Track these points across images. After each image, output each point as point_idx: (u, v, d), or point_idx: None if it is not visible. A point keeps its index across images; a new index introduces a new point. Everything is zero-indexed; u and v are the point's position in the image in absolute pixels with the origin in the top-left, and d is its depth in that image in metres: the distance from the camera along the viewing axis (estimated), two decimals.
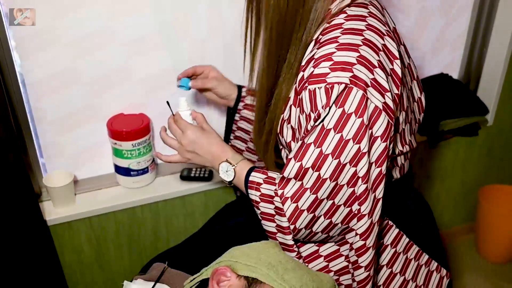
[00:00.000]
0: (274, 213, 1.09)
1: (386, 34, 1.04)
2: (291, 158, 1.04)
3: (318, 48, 1.02)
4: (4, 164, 1.50)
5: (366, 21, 1.03)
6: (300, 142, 1.04)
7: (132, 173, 1.73)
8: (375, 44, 1.01)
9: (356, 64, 0.98)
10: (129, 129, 1.65)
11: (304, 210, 1.05)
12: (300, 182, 1.04)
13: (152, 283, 1.14)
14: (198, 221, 1.89)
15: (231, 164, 1.18)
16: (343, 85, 0.97)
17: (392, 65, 1.04)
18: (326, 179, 1.01)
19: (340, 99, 0.97)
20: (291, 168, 1.04)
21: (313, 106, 1.00)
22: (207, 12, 1.65)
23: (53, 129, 1.66)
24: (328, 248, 1.15)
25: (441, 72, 2.18)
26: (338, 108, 0.98)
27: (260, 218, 1.13)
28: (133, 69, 1.65)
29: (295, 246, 1.11)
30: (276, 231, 1.11)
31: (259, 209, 1.12)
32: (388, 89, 1.00)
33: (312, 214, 1.05)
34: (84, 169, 1.77)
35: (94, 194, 1.77)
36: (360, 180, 1.01)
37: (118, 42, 1.60)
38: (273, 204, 1.08)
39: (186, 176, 1.82)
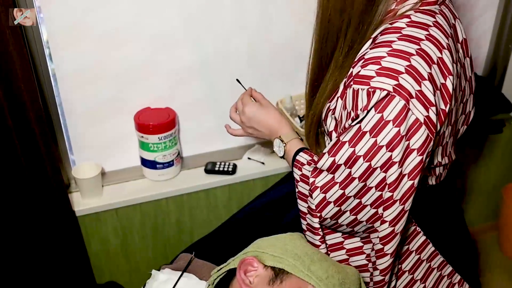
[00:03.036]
0: (308, 194, 1.12)
1: (446, 47, 1.01)
2: (325, 153, 1.05)
3: (371, 48, 1.01)
4: (36, 156, 1.54)
5: (428, 31, 1.00)
6: (335, 139, 1.05)
7: (158, 166, 1.76)
8: (430, 56, 0.98)
9: (403, 73, 0.96)
10: (155, 122, 1.68)
11: (331, 202, 1.06)
12: (332, 175, 1.05)
13: (179, 273, 1.17)
14: (222, 214, 1.92)
15: (282, 141, 1.23)
16: (385, 92, 0.95)
17: (445, 80, 1.00)
18: (356, 178, 1.02)
19: (380, 105, 0.96)
20: (325, 161, 1.05)
21: (354, 105, 1.00)
22: (231, 7, 1.67)
23: (82, 121, 1.69)
24: (353, 243, 1.16)
25: None
26: (377, 113, 0.96)
27: (297, 197, 1.17)
28: (160, 64, 1.68)
29: (320, 230, 1.13)
30: (306, 211, 1.14)
31: (297, 187, 1.16)
32: (434, 104, 0.97)
33: (338, 208, 1.06)
34: (111, 162, 1.81)
35: (121, 186, 1.81)
36: (387, 186, 1.00)
37: (145, 37, 1.62)
38: (308, 184, 1.12)
39: (210, 170, 1.84)
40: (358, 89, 0.99)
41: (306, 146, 1.23)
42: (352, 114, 1.00)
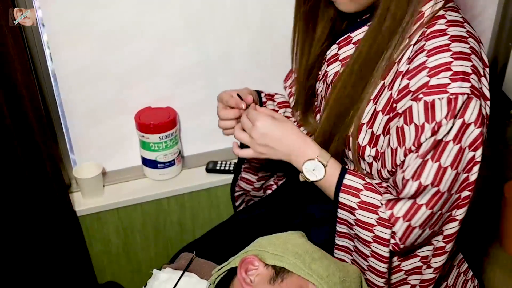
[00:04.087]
0: (375, 223, 1.04)
1: (480, 41, 1.02)
2: (408, 179, 0.99)
3: (428, 56, 0.97)
4: (36, 156, 1.54)
5: (465, 27, 1.00)
6: (414, 161, 0.98)
7: (159, 165, 1.76)
8: (479, 53, 0.99)
9: (471, 74, 0.95)
10: (156, 122, 1.68)
11: (416, 227, 1.02)
12: (413, 200, 1.00)
13: (180, 272, 1.17)
14: (223, 213, 1.92)
15: (321, 163, 1.07)
16: (465, 96, 0.94)
17: (484, 72, 1.02)
18: (444, 192, 0.99)
19: (461, 110, 0.95)
20: (409, 189, 0.99)
21: (429, 117, 0.95)
22: (233, 7, 1.67)
23: (83, 121, 1.70)
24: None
25: None
26: (458, 119, 0.95)
27: (353, 224, 1.07)
28: (161, 63, 1.68)
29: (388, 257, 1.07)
30: (372, 240, 1.06)
31: (354, 215, 1.06)
32: (489, 98, 0.99)
33: (422, 229, 1.03)
34: (112, 161, 1.81)
35: (122, 186, 1.81)
36: (467, 186, 1.01)
37: (145, 37, 1.63)
38: (377, 214, 1.04)
39: (211, 169, 1.84)
40: (434, 99, 0.94)
41: (345, 166, 1.12)
42: (429, 126, 0.95)
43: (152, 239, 1.92)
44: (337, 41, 1.14)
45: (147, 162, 1.77)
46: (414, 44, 1.00)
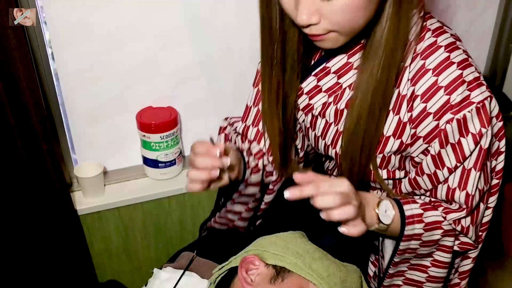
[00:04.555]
0: (440, 237, 1.04)
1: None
2: (473, 195, 1.01)
3: (436, 75, 0.96)
4: (38, 155, 1.54)
5: (447, 31, 1.01)
6: (465, 172, 1.00)
7: (160, 165, 1.76)
8: (466, 50, 1.01)
9: (479, 75, 0.98)
10: (157, 121, 1.68)
11: (479, 224, 1.08)
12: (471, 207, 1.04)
13: (181, 271, 1.17)
14: None
15: (385, 201, 1.01)
16: (488, 98, 0.96)
17: None
18: (487, 184, 1.04)
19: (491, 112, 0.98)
20: (471, 201, 1.02)
21: (463, 132, 0.96)
22: (234, 6, 1.67)
23: (84, 121, 1.70)
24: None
25: None
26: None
27: (419, 246, 1.05)
28: (162, 63, 1.69)
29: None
30: (435, 250, 1.08)
31: (420, 240, 1.04)
32: None
33: (481, 219, 1.08)
34: (113, 161, 1.81)
35: (122, 185, 1.82)
36: (495, 174, 1.07)
37: (147, 36, 1.63)
38: (442, 229, 1.04)
39: None
40: (464, 114, 0.95)
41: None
42: (467, 140, 0.96)
43: (152, 239, 1.92)
44: (314, 73, 1.12)
45: (148, 162, 1.77)
46: (410, 64, 0.99)
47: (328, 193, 0.86)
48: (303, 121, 1.19)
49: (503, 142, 1.04)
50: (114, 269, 1.94)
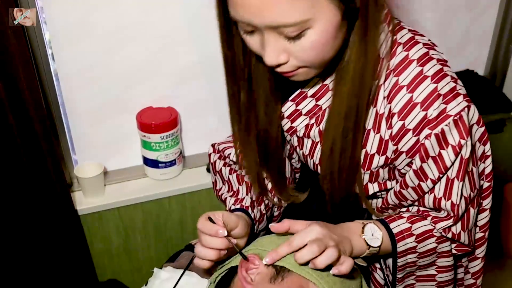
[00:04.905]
0: (436, 244, 1.05)
1: (428, 40, 1.02)
2: (451, 201, 1.01)
3: (411, 92, 0.95)
4: (38, 155, 1.54)
5: (418, 41, 0.98)
6: (447, 181, 1.00)
7: (160, 165, 1.76)
8: (441, 56, 0.99)
9: (455, 85, 0.96)
10: (157, 122, 1.68)
11: (472, 228, 1.07)
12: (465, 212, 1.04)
13: (181, 271, 1.17)
14: None
15: (373, 223, 1.03)
16: (466, 109, 0.95)
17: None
18: (477, 188, 1.04)
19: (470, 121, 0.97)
20: (460, 211, 1.02)
21: (443, 144, 0.96)
22: None
23: (84, 121, 1.70)
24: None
25: (466, 68, 2.17)
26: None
27: (417, 259, 1.06)
28: (162, 63, 1.69)
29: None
30: (436, 258, 1.08)
31: (415, 252, 1.05)
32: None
33: (474, 222, 1.08)
34: (113, 161, 1.82)
35: (123, 185, 1.82)
36: (485, 177, 1.06)
37: (147, 37, 1.63)
38: (434, 236, 1.05)
39: None
40: (441, 128, 0.95)
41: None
42: (447, 152, 0.96)
43: (153, 239, 1.92)
44: (291, 98, 1.10)
45: (148, 162, 1.77)
46: (384, 82, 0.98)
47: (303, 247, 0.88)
48: (290, 140, 1.18)
49: (487, 146, 1.03)
50: (114, 269, 1.94)
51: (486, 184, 1.07)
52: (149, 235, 1.91)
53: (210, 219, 0.99)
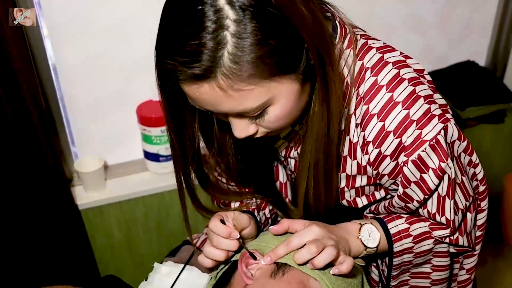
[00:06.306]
0: (433, 245, 1.03)
1: (389, 45, 0.97)
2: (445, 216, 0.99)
3: (382, 120, 0.92)
4: (37, 150, 1.54)
5: (381, 54, 0.93)
6: (437, 199, 0.98)
7: (161, 158, 1.76)
8: (408, 65, 0.94)
9: (429, 105, 0.91)
10: (158, 115, 1.68)
11: (471, 230, 1.05)
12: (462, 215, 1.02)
13: (181, 265, 1.17)
14: None
15: (371, 223, 1.01)
16: (442, 131, 0.91)
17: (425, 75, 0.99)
18: (471, 196, 1.02)
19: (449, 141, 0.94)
20: (459, 220, 1.01)
21: (422, 169, 0.93)
22: None
23: (84, 115, 1.70)
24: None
25: (467, 59, 2.16)
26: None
27: (413, 258, 1.05)
28: None
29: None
30: (432, 257, 1.07)
31: (412, 252, 1.03)
32: (445, 101, 0.98)
33: (472, 226, 1.06)
34: (114, 155, 1.82)
35: (124, 179, 1.82)
36: (480, 182, 1.04)
37: (146, 30, 1.61)
38: (432, 238, 1.03)
39: None
40: (418, 154, 0.91)
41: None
42: (429, 176, 0.93)
43: (154, 232, 1.92)
44: (283, 137, 1.07)
45: (149, 156, 1.77)
46: (355, 110, 0.95)
47: (301, 247, 0.88)
48: (288, 163, 1.16)
49: (474, 155, 1.00)
50: (116, 263, 1.94)
51: (482, 188, 1.05)
52: (150, 229, 1.91)
53: (222, 221, 0.98)
